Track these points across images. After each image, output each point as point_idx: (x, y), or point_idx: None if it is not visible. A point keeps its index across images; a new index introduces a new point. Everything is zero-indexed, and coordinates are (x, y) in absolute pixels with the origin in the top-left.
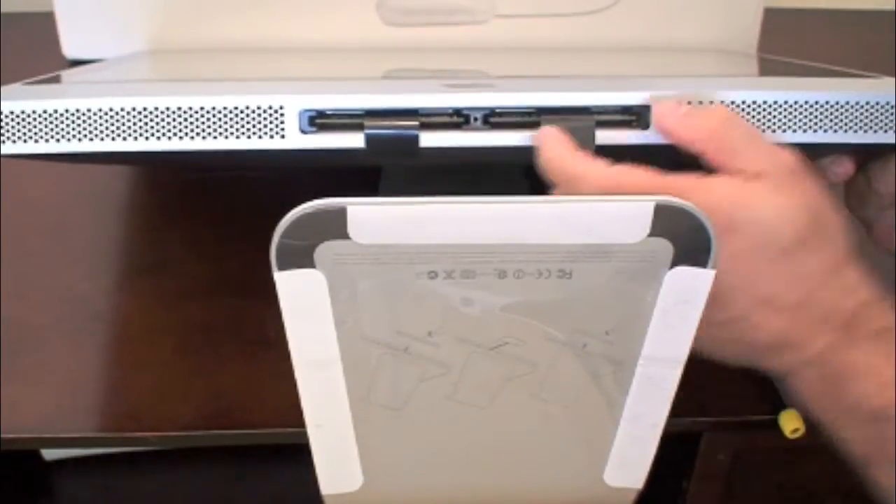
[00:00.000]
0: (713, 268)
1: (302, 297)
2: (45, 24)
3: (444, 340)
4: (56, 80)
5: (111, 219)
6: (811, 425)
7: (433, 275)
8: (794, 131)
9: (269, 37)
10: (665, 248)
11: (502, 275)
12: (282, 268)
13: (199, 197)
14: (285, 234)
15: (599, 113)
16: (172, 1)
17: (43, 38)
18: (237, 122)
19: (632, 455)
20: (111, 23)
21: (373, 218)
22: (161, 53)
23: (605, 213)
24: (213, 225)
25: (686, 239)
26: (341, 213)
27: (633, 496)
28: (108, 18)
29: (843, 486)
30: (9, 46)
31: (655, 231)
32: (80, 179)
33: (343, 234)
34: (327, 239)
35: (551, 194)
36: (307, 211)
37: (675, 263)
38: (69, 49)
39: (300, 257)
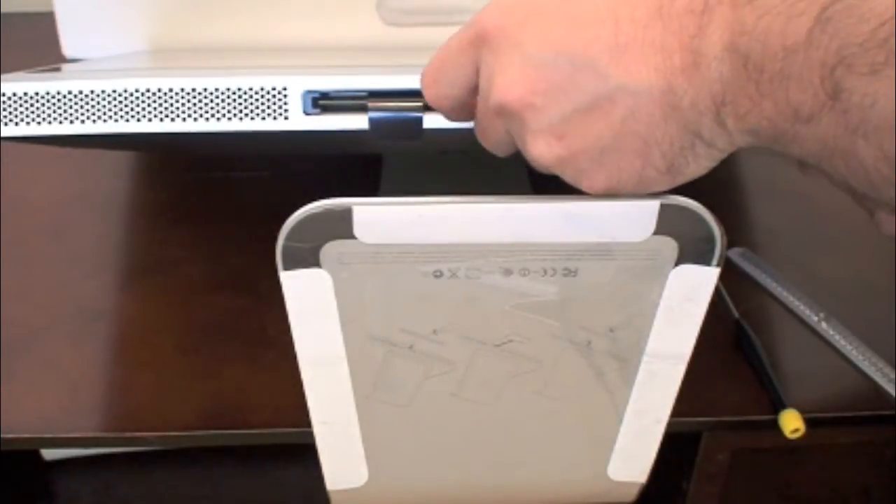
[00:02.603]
0: (717, 265)
1: (307, 296)
2: (45, 24)
3: (449, 338)
4: (56, 69)
5: (111, 219)
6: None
7: (438, 273)
8: None
9: (268, 37)
10: (670, 246)
11: (507, 273)
12: (287, 267)
13: (199, 197)
14: (291, 234)
15: None
16: (172, 1)
17: (43, 38)
18: (241, 104)
19: (635, 450)
20: (111, 23)
21: (378, 218)
22: (162, 51)
23: (611, 211)
24: (213, 225)
25: (690, 237)
26: (347, 213)
27: (636, 490)
28: (108, 18)
29: (841, 487)
30: (9, 46)
31: (660, 229)
32: (80, 179)
33: (349, 233)
34: (333, 238)
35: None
36: (313, 211)
37: (679, 261)
38: (69, 49)
39: (306, 257)
